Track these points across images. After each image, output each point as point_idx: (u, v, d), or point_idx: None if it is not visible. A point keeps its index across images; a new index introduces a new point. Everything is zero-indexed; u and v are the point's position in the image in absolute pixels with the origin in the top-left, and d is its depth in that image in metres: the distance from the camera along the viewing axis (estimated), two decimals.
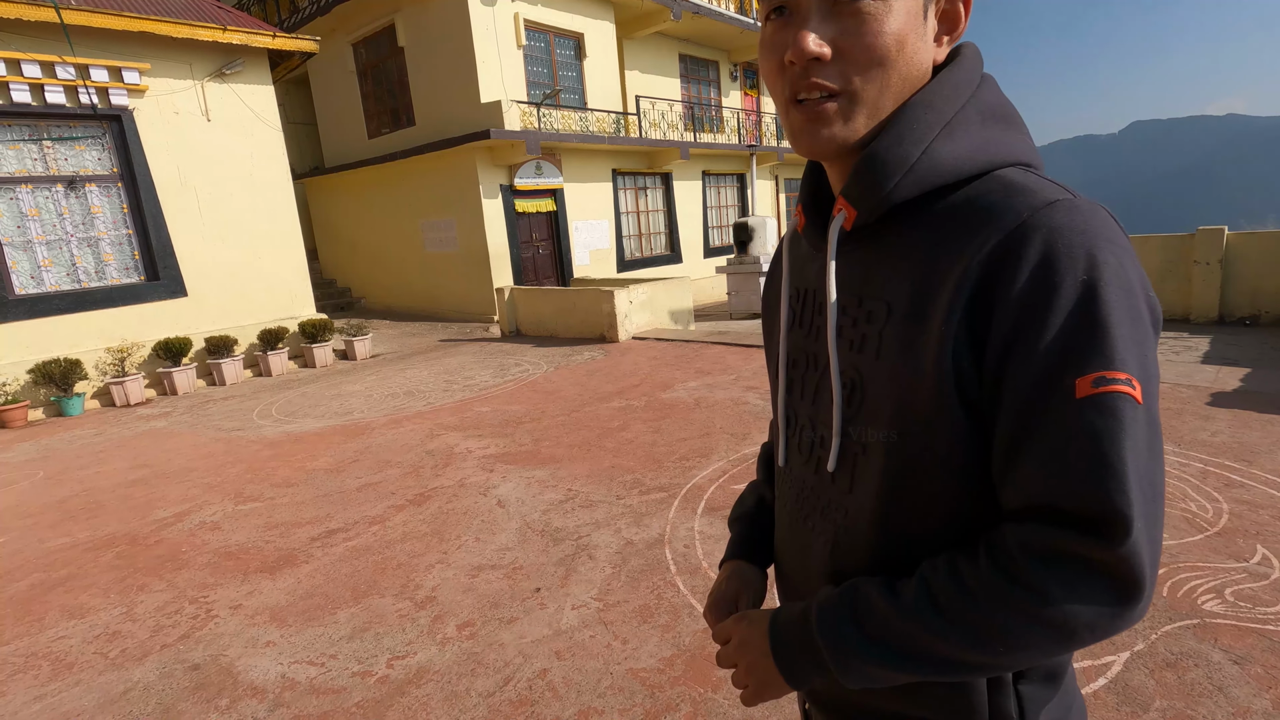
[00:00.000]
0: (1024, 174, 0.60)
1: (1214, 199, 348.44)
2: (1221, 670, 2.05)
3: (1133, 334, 0.53)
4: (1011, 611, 0.54)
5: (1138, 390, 0.52)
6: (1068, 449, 0.52)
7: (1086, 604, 0.52)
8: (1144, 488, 0.51)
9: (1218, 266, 8.23)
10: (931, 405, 0.59)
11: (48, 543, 3.79)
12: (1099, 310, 0.52)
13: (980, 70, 0.66)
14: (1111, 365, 0.52)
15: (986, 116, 0.63)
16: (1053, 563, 0.52)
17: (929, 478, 0.61)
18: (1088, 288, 0.53)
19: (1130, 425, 0.51)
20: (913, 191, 0.61)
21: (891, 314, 0.62)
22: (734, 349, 7.65)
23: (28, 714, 2.31)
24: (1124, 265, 0.54)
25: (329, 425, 5.83)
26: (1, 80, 6.86)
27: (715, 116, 16.89)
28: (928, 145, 0.61)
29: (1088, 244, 0.54)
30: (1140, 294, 0.55)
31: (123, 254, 7.98)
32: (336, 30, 13.12)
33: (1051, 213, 0.55)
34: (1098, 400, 0.52)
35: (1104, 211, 0.56)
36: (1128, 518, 0.50)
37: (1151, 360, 0.54)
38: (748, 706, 0.74)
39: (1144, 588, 0.51)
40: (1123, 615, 0.52)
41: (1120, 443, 0.51)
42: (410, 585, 2.98)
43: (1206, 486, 3.29)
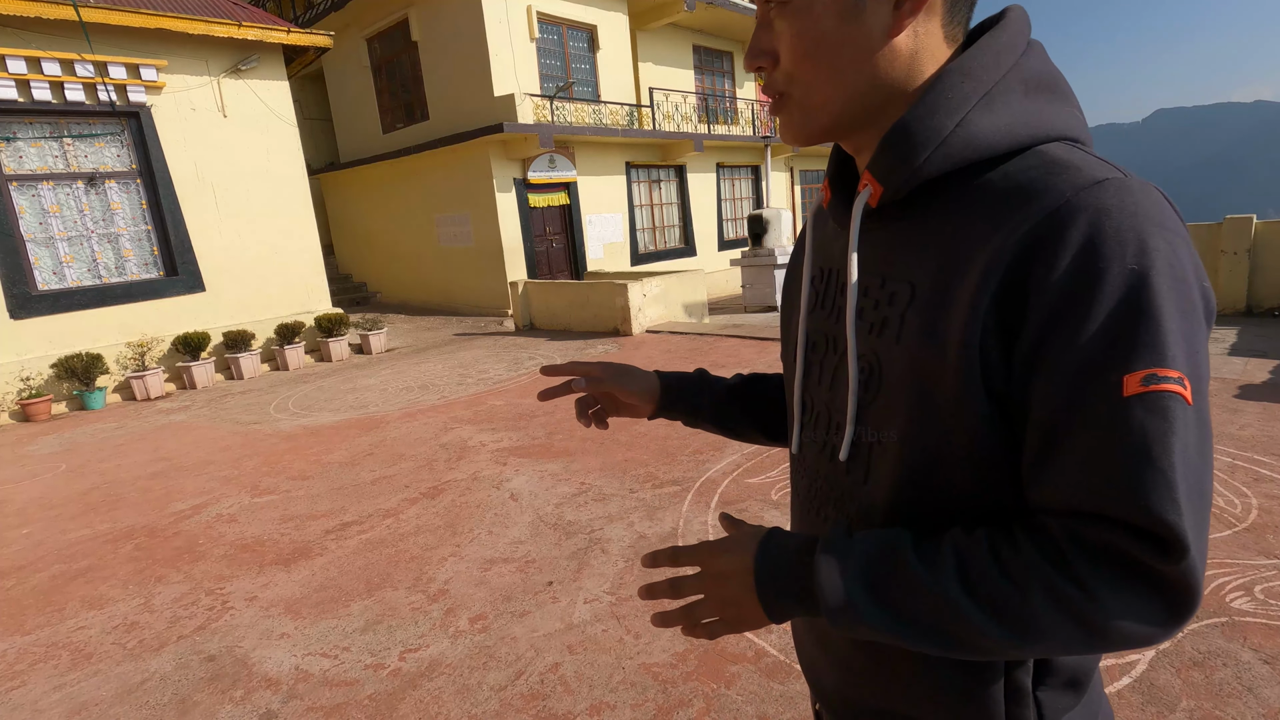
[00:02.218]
0: (1070, 150, 0.55)
1: (1241, 187, 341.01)
2: (1251, 670, 1.99)
3: (1185, 328, 0.49)
4: (1050, 602, 0.49)
5: (1189, 390, 0.48)
6: (1115, 452, 0.48)
7: (1132, 611, 0.48)
8: (1193, 497, 0.47)
9: (1245, 256, 8.04)
10: (953, 394, 0.55)
11: (69, 534, 3.84)
12: (1150, 301, 0.48)
13: (1026, 35, 0.61)
14: (1164, 362, 0.47)
15: (1031, 86, 0.58)
16: (1104, 561, 0.49)
17: (947, 470, 0.58)
18: (1138, 276, 0.48)
19: (1182, 428, 0.47)
20: (945, 166, 0.58)
21: (915, 296, 0.59)
22: (748, 342, 7.60)
23: (48, 703, 2.34)
24: (1178, 252, 0.50)
25: (344, 419, 5.86)
26: (22, 78, 6.95)
27: (729, 108, 16.77)
28: (964, 116, 0.57)
29: (1138, 228, 0.49)
30: (1194, 284, 0.50)
31: (142, 250, 8.07)
32: (350, 25, 13.17)
33: (1099, 192, 0.51)
34: (1148, 400, 0.47)
35: (1157, 193, 0.52)
36: (1182, 533, 0.46)
37: (1203, 356, 0.50)
38: (710, 639, 0.66)
39: (1196, 601, 0.48)
40: (1167, 629, 0.49)
41: (1171, 448, 0.47)
42: (423, 578, 2.98)
43: (1235, 481, 3.21)
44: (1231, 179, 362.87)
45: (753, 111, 17.17)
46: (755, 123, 17.11)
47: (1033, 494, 0.54)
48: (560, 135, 11.48)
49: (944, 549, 0.55)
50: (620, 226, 13.52)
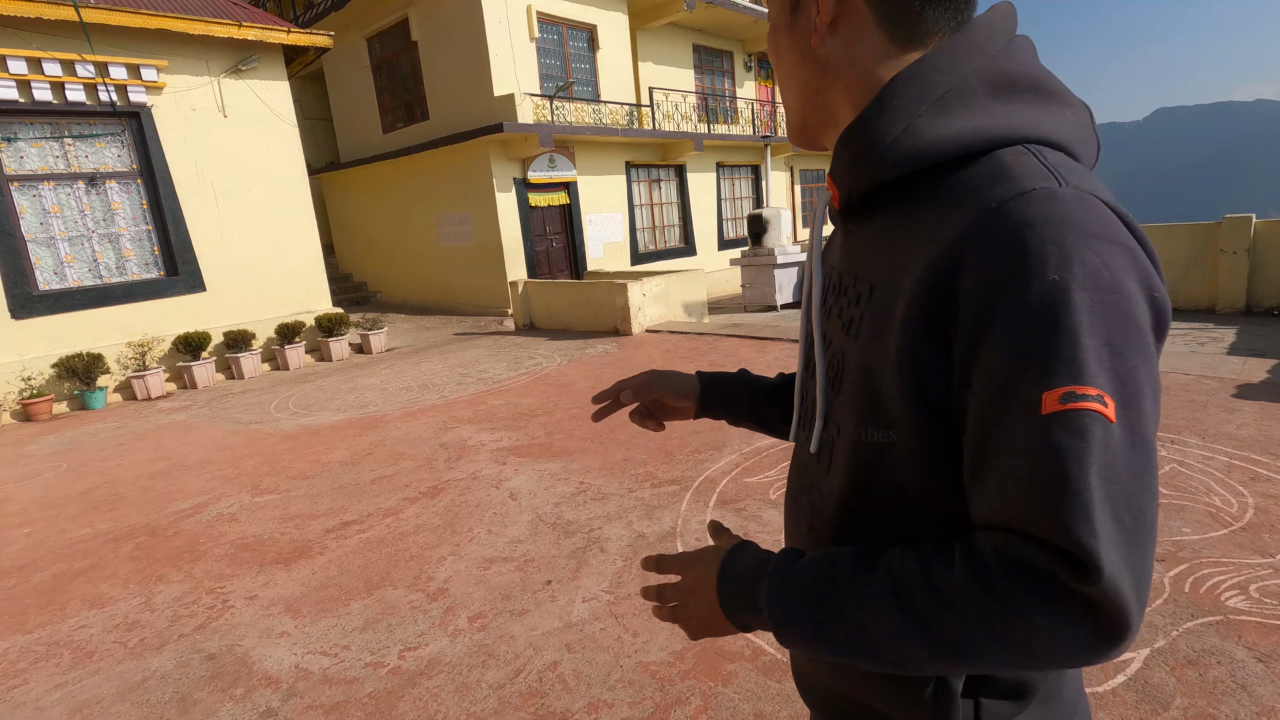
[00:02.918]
0: (1021, 155, 0.54)
1: (1242, 186, 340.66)
2: (1245, 668, 2.00)
3: (1112, 342, 0.48)
4: (977, 620, 0.49)
5: (1110, 408, 0.47)
6: (1033, 471, 0.47)
7: (1059, 632, 0.47)
8: (1121, 516, 0.46)
9: (1245, 256, 8.05)
10: (895, 395, 0.56)
11: (70, 533, 3.86)
12: (1069, 316, 0.47)
13: (1002, 34, 0.60)
14: (1082, 380, 0.46)
15: (1001, 88, 0.57)
16: (1029, 581, 0.47)
17: (893, 469, 0.59)
18: (1058, 289, 0.47)
19: (1100, 447, 0.46)
20: (892, 171, 0.58)
21: (872, 297, 0.61)
22: (748, 341, 7.61)
23: (49, 701, 2.36)
24: (1110, 265, 0.48)
25: (344, 418, 5.88)
26: (23, 79, 6.97)
27: (730, 107, 16.77)
28: (911, 122, 0.57)
29: (1062, 239, 0.48)
30: (1135, 296, 0.49)
31: (143, 250, 8.09)
32: (351, 25, 13.18)
33: (1023, 203, 0.50)
34: (1065, 418, 0.46)
35: (1095, 202, 0.51)
36: (1095, 553, 0.44)
37: (1142, 372, 0.48)
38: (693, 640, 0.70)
39: (1128, 626, 0.46)
40: (1099, 651, 0.47)
41: (1087, 467, 0.46)
42: (423, 577, 2.99)
43: (1231, 480, 3.22)
44: (1232, 178, 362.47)
45: (752, 111, 17.17)
46: (755, 122, 17.11)
47: (970, 506, 0.54)
48: (560, 135, 11.49)
49: (880, 569, 0.55)
50: (620, 226, 13.52)
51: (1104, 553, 0.45)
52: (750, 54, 17.38)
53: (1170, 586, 2.43)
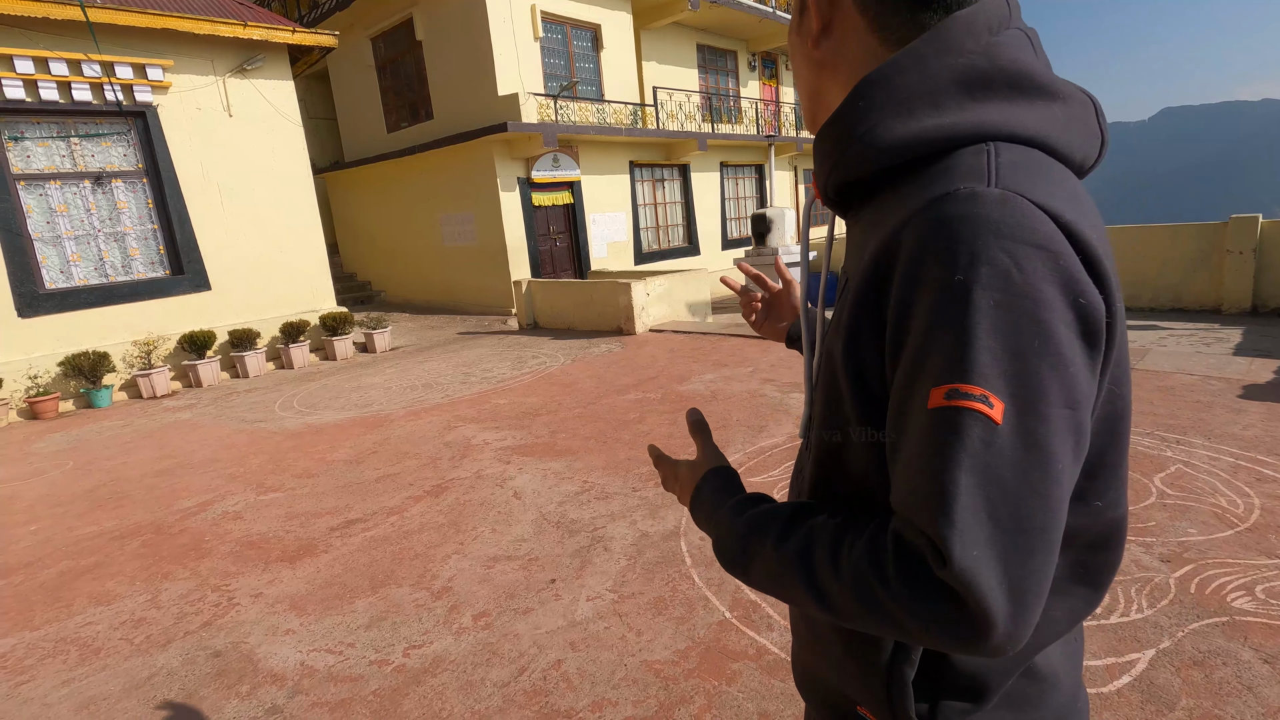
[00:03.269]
0: (975, 154, 0.54)
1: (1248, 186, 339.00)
2: (1251, 669, 2.00)
3: (1011, 346, 0.47)
4: (860, 591, 0.52)
5: (996, 409, 0.47)
6: (913, 462, 0.50)
7: (924, 612, 0.49)
8: (997, 517, 0.46)
9: (1251, 256, 8.01)
10: (842, 387, 0.60)
11: (76, 531, 3.88)
12: (967, 315, 0.48)
13: (981, 32, 0.58)
14: (968, 378, 0.47)
15: (976, 85, 0.56)
16: (908, 559, 0.50)
17: (848, 454, 0.62)
18: (960, 289, 0.48)
19: (975, 446, 0.47)
20: (856, 171, 0.60)
21: (845, 291, 0.63)
22: (752, 341, 7.60)
23: (56, 697, 2.37)
24: (1022, 266, 0.48)
25: (349, 417, 5.89)
26: (30, 78, 7.00)
27: (733, 107, 16.76)
28: (872, 123, 0.57)
29: (973, 239, 0.48)
30: (1050, 299, 0.48)
31: (148, 249, 8.12)
32: (355, 25, 13.20)
33: (945, 203, 0.51)
34: (945, 414, 0.48)
35: (1021, 203, 0.50)
36: (944, 540, 0.46)
37: (1048, 378, 0.48)
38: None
39: (990, 623, 0.46)
40: (962, 641, 0.48)
41: (956, 463, 0.47)
42: (427, 575, 3.00)
43: (1238, 481, 3.21)
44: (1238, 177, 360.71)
45: (756, 111, 17.15)
46: (759, 122, 17.09)
47: None
48: (564, 134, 11.50)
49: (803, 530, 0.60)
50: (624, 225, 13.52)
51: (956, 543, 0.46)
52: (754, 53, 17.36)
53: (1176, 587, 2.43)
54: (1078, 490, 0.58)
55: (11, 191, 7.10)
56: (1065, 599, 0.62)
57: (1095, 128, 0.61)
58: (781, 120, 18.01)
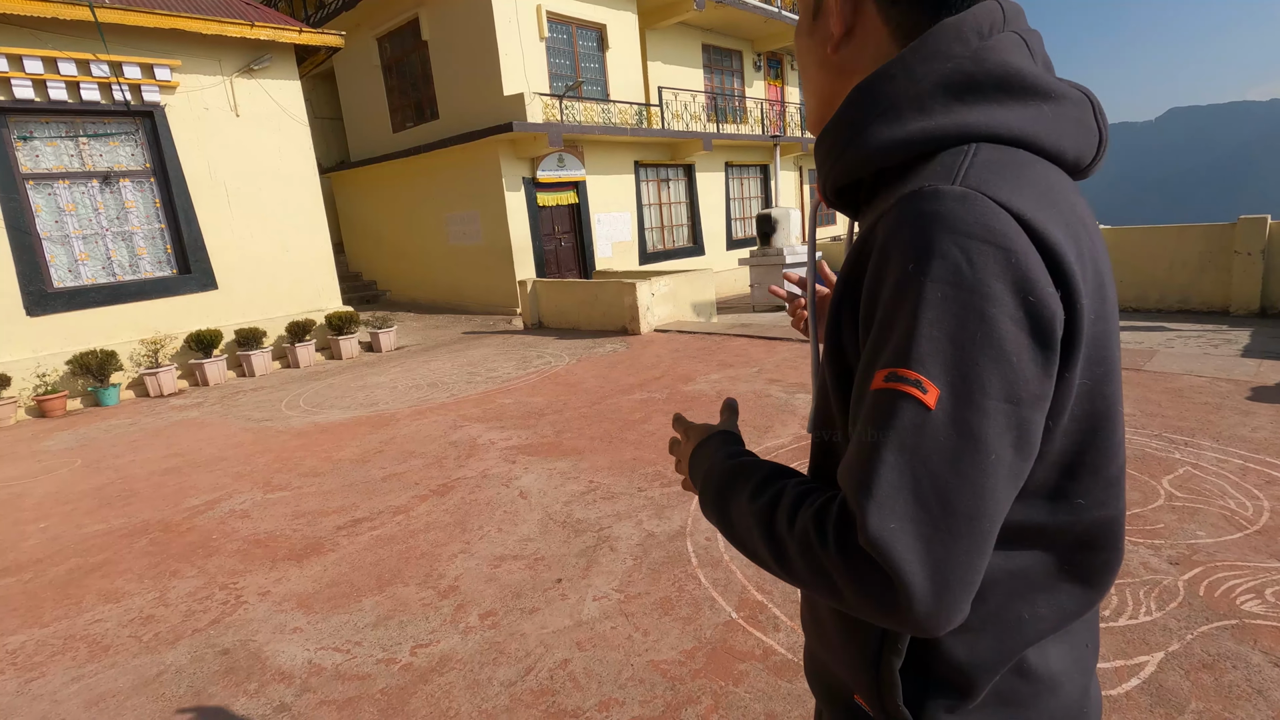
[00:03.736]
0: (953, 155, 0.55)
1: (1256, 187, 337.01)
2: (1261, 673, 1.99)
3: (953, 336, 0.49)
4: (804, 552, 0.56)
5: (930, 395, 0.49)
6: (855, 437, 0.54)
7: (850, 579, 0.52)
8: (921, 495, 0.49)
9: (1260, 257, 7.96)
10: (829, 381, 0.63)
11: (85, 528, 3.90)
12: (913, 304, 0.50)
13: (971, 36, 0.58)
14: (906, 363, 0.50)
15: (961, 88, 0.57)
16: (842, 527, 0.53)
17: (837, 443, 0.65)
18: (910, 279, 0.51)
19: (904, 426, 0.49)
20: (850, 174, 0.63)
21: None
22: (757, 341, 7.59)
23: (66, 694, 2.38)
24: (972, 261, 0.49)
25: (355, 416, 5.91)
26: (39, 78, 7.03)
27: (739, 107, 16.74)
28: (862, 130, 0.60)
29: (928, 234, 0.51)
30: (997, 295, 0.49)
31: (156, 248, 8.15)
32: (361, 25, 13.23)
33: (909, 200, 0.53)
34: (881, 394, 0.51)
35: (981, 201, 0.51)
36: (860, 508, 0.49)
37: (988, 370, 0.49)
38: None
39: (909, 597, 0.48)
40: (882, 611, 0.51)
41: (883, 440, 0.50)
42: (433, 574, 3.01)
43: (1246, 484, 3.19)
44: (1247, 178, 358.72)
45: (761, 111, 17.13)
46: (764, 122, 17.07)
47: None
48: (569, 134, 11.50)
49: (775, 487, 0.63)
50: (629, 225, 13.53)
51: (873, 511, 0.49)
52: (760, 53, 17.34)
53: (1185, 590, 2.42)
54: (1055, 488, 0.60)
55: (20, 191, 7.14)
56: (1052, 596, 0.62)
57: (1092, 125, 0.62)
58: (787, 120, 17.98)
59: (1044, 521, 0.60)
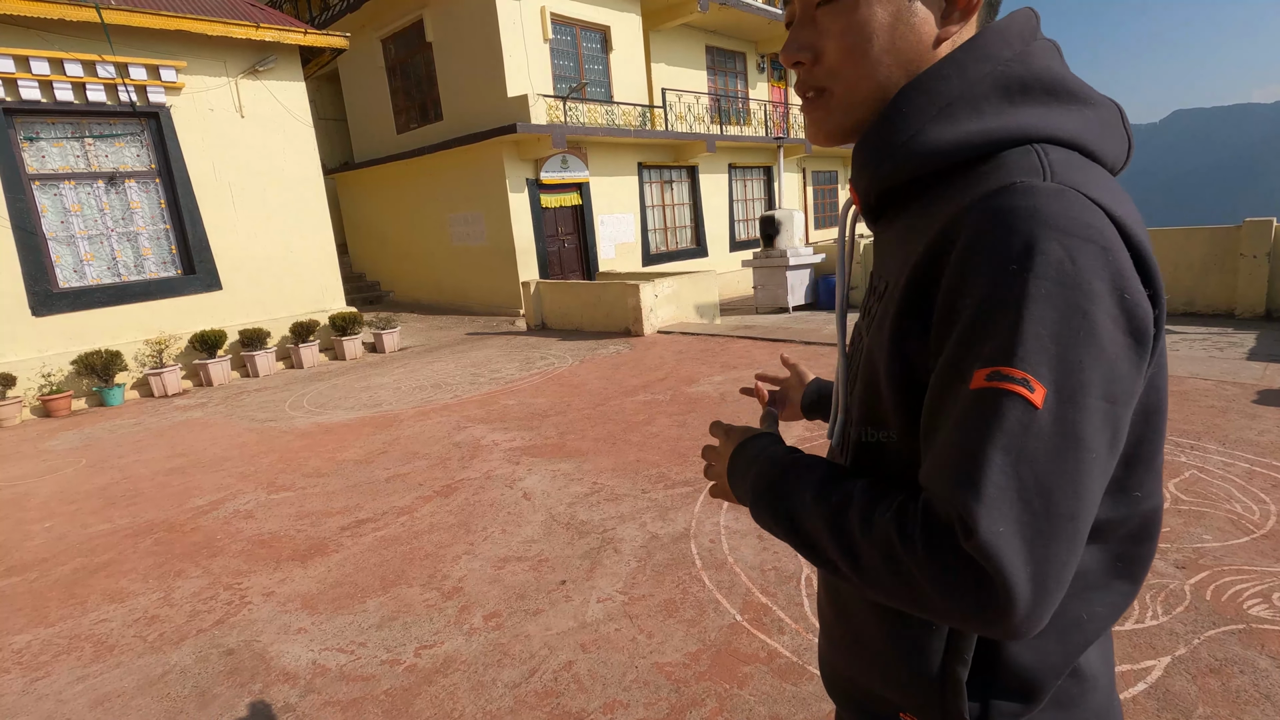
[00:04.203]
0: (1024, 154, 0.56)
1: (1262, 189, 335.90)
2: (1269, 677, 1.98)
3: (1058, 335, 0.48)
4: (882, 554, 0.53)
5: (1037, 394, 0.48)
6: (950, 438, 0.51)
7: (944, 584, 0.50)
8: (1027, 498, 0.47)
9: (1265, 260, 7.93)
10: (887, 382, 0.60)
11: (90, 528, 3.91)
12: (1018, 302, 0.49)
13: (1018, 39, 0.61)
14: (1011, 362, 0.48)
15: (1015, 91, 0.59)
16: (933, 528, 0.50)
17: (889, 451, 0.64)
18: (1013, 277, 0.49)
19: (1012, 427, 0.48)
20: (901, 176, 0.61)
21: (886, 293, 0.64)
22: (760, 343, 7.59)
23: (71, 694, 2.39)
24: (1075, 259, 0.49)
25: (358, 417, 5.91)
26: (45, 79, 7.07)
27: (742, 109, 16.74)
28: (918, 129, 0.60)
29: (1030, 230, 0.50)
30: (1098, 293, 0.49)
31: (160, 248, 8.18)
32: (366, 26, 13.27)
33: (1001, 195, 0.52)
34: (984, 394, 0.49)
35: (1077, 197, 0.51)
36: (970, 512, 0.47)
37: (1090, 369, 0.49)
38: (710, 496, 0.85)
39: (1011, 601, 0.47)
40: (979, 617, 0.49)
41: (991, 441, 0.48)
42: (438, 575, 3.01)
43: (1253, 487, 3.18)
44: (1252, 181, 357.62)
45: (765, 112, 17.13)
46: (768, 123, 17.07)
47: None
48: (573, 136, 11.52)
49: (842, 488, 0.61)
50: (632, 227, 13.53)
51: (983, 516, 0.47)
52: (763, 55, 17.34)
53: (1192, 594, 2.41)
54: (1117, 481, 0.59)
55: (26, 191, 7.17)
56: (1107, 594, 0.63)
57: (1123, 132, 0.63)
58: (790, 122, 17.97)
59: (1107, 517, 0.60)
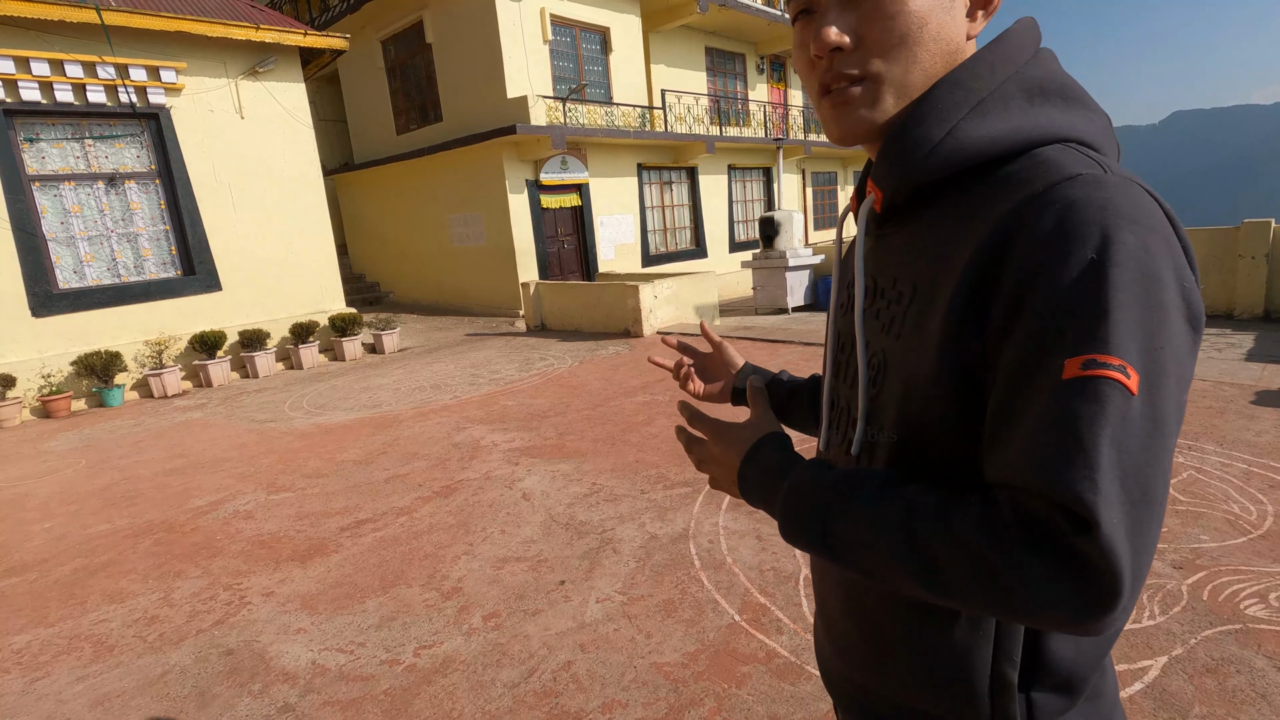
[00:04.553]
0: (1062, 150, 0.57)
1: (1261, 190, 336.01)
2: (1265, 677, 1.98)
3: (1143, 321, 0.49)
4: (972, 557, 0.51)
5: (1133, 380, 0.48)
6: (1046, 431, 0.49)
7: (1047, 583, 0.48)
8: (1128, 485, 0.47)
9: (1264, 261, 7.94)
10: (934, 384, 0.59)
11: (90, 529, 3.91)
12: (1103, 291, 0.49)
13: (1031, 45, 0.64)
14: (1106, 349, 0.48)
15: (1034, 93, 0.60)
16: (1032, 527, 0.49)
17: (933, 458, 0.61)
18: (1095, 266, 0.49)
19: (1115, 414, 0.48)
20: (937, 173, 0.61)
21: (916, 295, 0.63)
22: (759, 344, 7.60)
23: (71, 694, 2.39)
24: (1148, 248, 0.50)
25: (358, 417, 5.92)
26: (46, 80, 7.07)
27: (742, 110, 16.76)
28: (954, 125, 0.60)
29: (1104, 221, 0.50)
30: (1170, 283, 0.51)
31: (160, 249, 8.19)
32: (366, 27, 13.28)
33: (1070, 186, 0.52)
34: (1083, 384, 0.48)
35: (1139, 189, 0.53)
36: (1094, 509, 0.46)
37: (1170, 354, 0.50)
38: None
39: (1118, 592, 0.46)
40: (1085, 613, 0.48)
41: (1099, 430, 0.47)
42: (437, 576, 3.02)
43: (1250, 488, 3.19)
44: (1251, 182, 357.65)
45: (764, 113, 17.15)
46: (767, 125, 17.08)
47: (985, 468, 0.55)
48: (572, 137, 11.53)
49: (901, 495, 0.58)
50: (632, 228, 13.54)
51: (1103, 510, 0.46)
52: (762, 56, 17.36)
53: (1188, 594, 2.41)
54: None
55: (26, 192, 7.18)
56: None
57: (1114, 139, 0.64)
58: (790, 123, 17.99)
59: None
